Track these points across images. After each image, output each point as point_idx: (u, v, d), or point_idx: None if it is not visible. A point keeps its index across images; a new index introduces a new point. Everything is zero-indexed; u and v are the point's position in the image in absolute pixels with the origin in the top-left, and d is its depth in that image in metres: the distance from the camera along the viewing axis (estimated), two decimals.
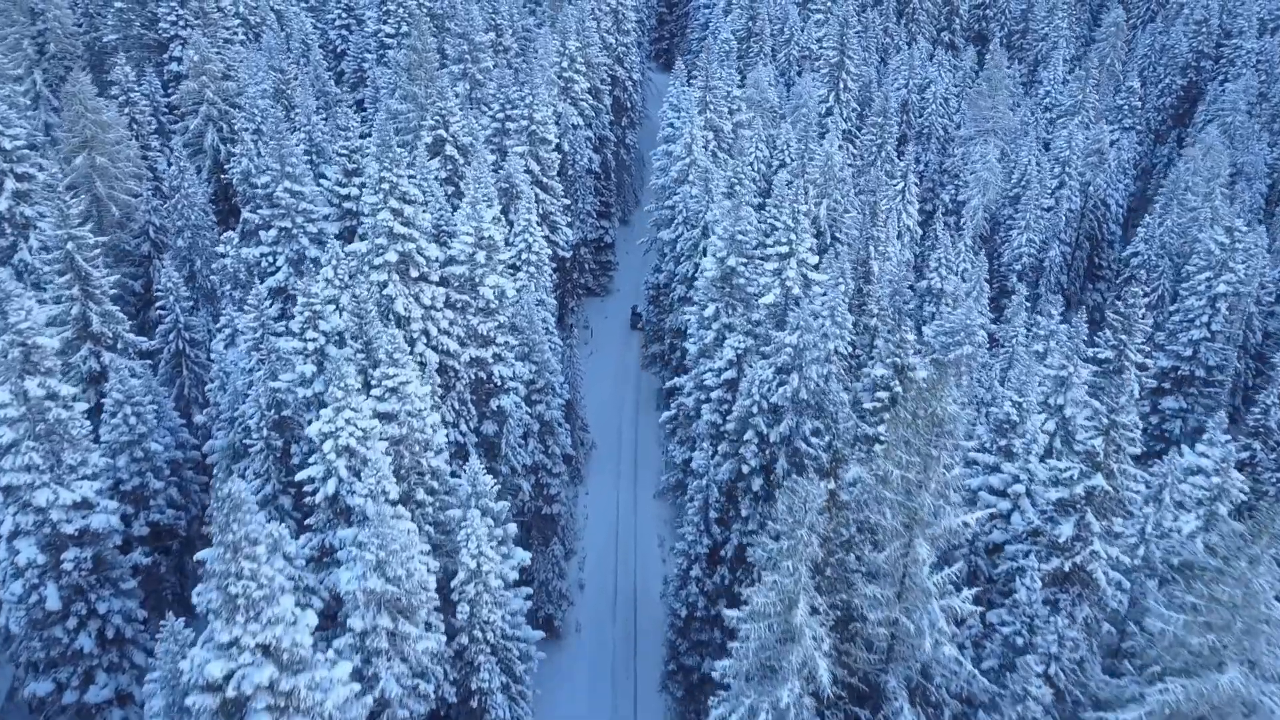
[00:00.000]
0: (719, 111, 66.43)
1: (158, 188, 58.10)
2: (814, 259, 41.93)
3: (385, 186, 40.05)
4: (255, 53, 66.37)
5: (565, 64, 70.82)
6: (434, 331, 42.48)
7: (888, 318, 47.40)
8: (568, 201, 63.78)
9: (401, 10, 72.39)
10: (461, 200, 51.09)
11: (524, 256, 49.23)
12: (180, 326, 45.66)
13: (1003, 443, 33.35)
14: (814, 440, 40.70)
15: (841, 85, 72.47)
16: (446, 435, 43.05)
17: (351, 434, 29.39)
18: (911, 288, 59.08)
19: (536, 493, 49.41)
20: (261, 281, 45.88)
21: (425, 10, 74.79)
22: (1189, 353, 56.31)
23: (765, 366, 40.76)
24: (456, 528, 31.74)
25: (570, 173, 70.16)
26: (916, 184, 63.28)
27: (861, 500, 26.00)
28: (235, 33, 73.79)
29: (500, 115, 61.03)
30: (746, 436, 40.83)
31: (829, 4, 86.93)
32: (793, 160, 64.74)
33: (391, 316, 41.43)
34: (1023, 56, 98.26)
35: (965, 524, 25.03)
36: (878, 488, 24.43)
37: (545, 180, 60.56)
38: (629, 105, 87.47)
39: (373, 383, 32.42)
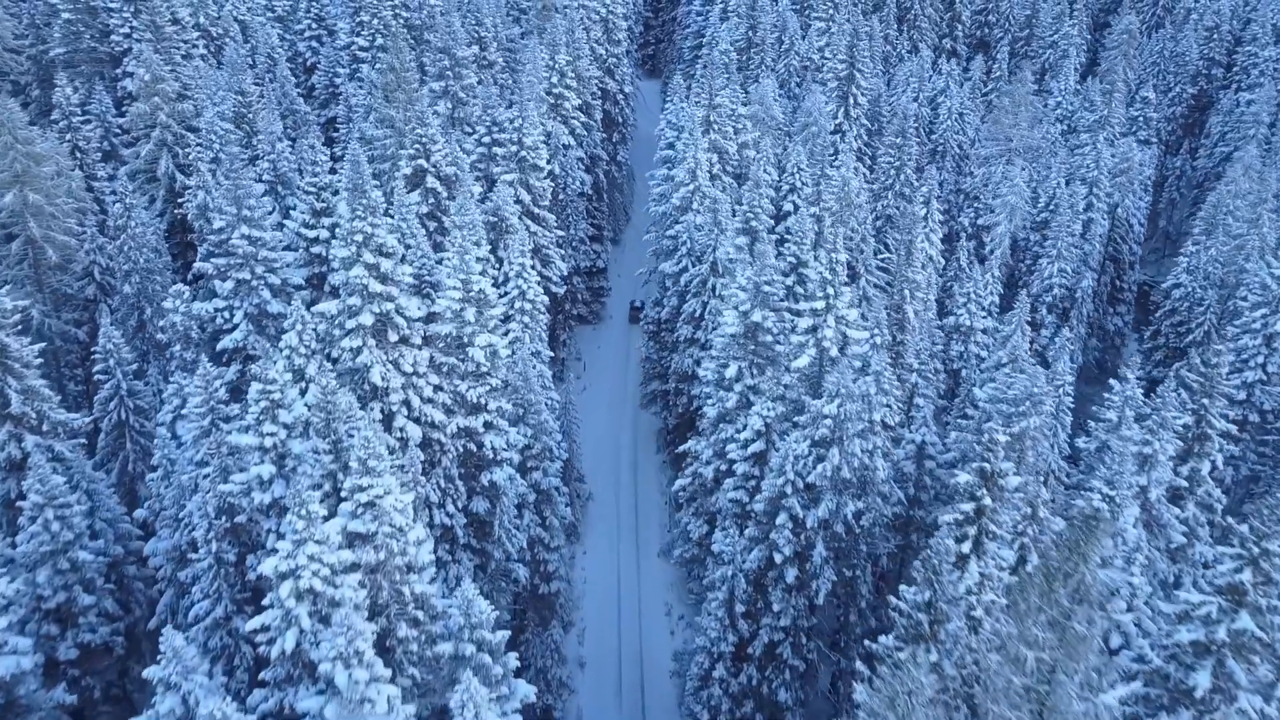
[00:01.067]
0: (724, 132, 60.31)
1: (104, 223, 51.33)
2: (853, 313, 36.02)
3: (358, 239, 33.66)
4: (215, 70, 59.56)
5: (555, 79, 64.44)
6: (416, 402, 36.16)
7: (928, 373, 41.49)
8: (561, 233, 57.51)
9: (376, 22, 65.71)
10: (446, 238, 44.85)
11: (517, 305, 42.93)
12: (122, 394, 39.06)
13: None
14: (858, 524, 34.79)
15: (852, 100, 66.51)
16: (431, 516, 36.86)
17: (316, 573, 23.10)
18: (940, 326, 53.30)
19: (533, 570, 43.24)
20: (216, 342, 39.38)
21: (402, 21, 68.14)
22: (1242, 396, 50.86)
23: (800, 439, 34.82)
24: (447, 674, 25.51)
25: (562, 197, 63.85)
26: (940, 209, 57.47)
27: (970, 675, 20.02)
28: (195, 46, 66.82)
29: (486, 139, 54.63)
30: (779, 520, 34.88)
31: (831, 11, 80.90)
32: (804, 184, 58.82)
33: (367, 386, 35.10)
34: (1029, 64, 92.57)
35: (1109, 707, 19.11)
36: (1002, 671, 18.44)
37: (537, 211, 54.25)
38: (620, 120, 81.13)
39: (343, 493, 26.13)
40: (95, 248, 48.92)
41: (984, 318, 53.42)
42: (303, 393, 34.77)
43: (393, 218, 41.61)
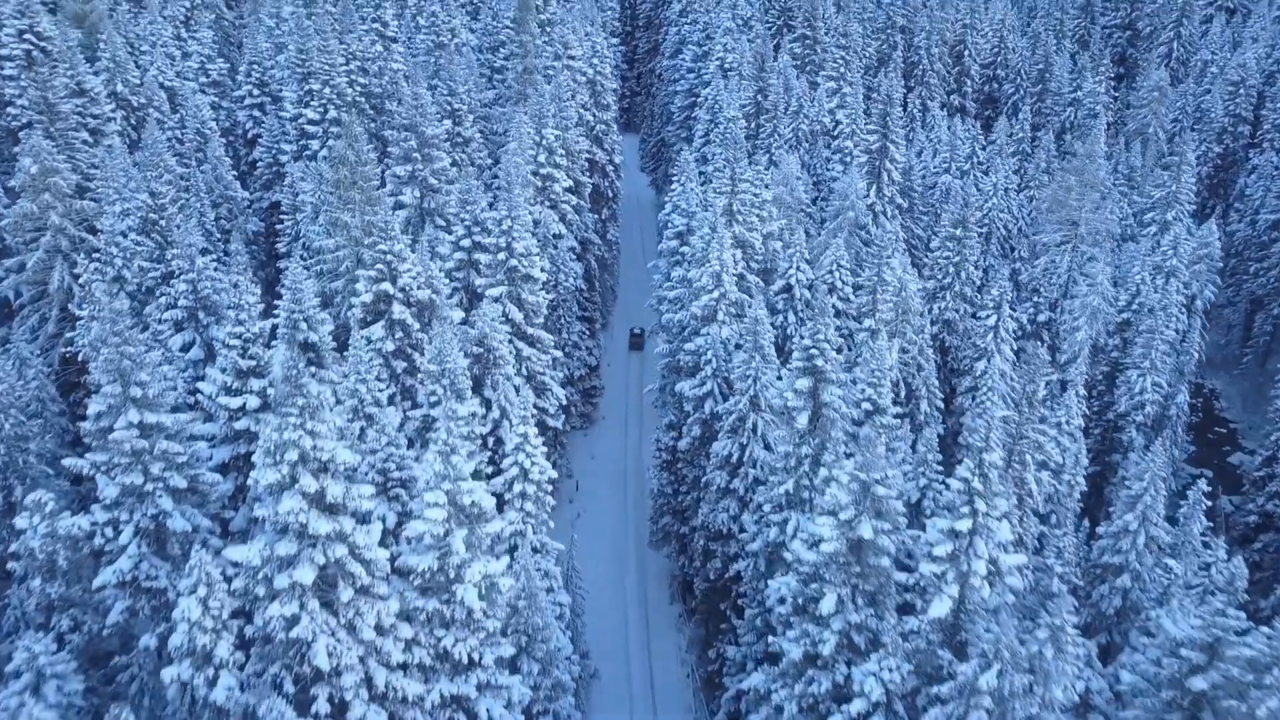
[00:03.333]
0: (748, 222, 49.06)
1: None
2: (1005, 528, 24.65)
3: (293, 456, 21.67)
4: (130, 154, 47.01)
5: (543, 157, 52.83)
6: (382, 676, 24.04)
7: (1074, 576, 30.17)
8: (558, 353, 45.70)
9: (329, 91, 53.62)
10: (421, 387, 33.00)
11: (518, 488, 30.92)
12: None
13: None
14: None
15: (885, 177, 55.77)
16: None
17: None
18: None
19: None
20: (94, 573, 26.89)
21: (360, 90, 56.15)
22: None
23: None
24: None
25: (553, 296, 52.07)
26: (1013, 317, 46.67)
27: None
28: (109, 120, 54.25)
29: (466, 242, 42.80)
30: None
31: (841, 69, 70.42)
32: (844, 283, 47.74)
33: (308, 668, 22.91)
34: (1045, 123, 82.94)
35: None
36: None
37: (531, 331, 42.45)
38: (611, 194, 69.78)
39: None
40: None
41: (1073, 450, 42.33)
42: (210, 672, 22.63)
43: (346, 376, 29.58)
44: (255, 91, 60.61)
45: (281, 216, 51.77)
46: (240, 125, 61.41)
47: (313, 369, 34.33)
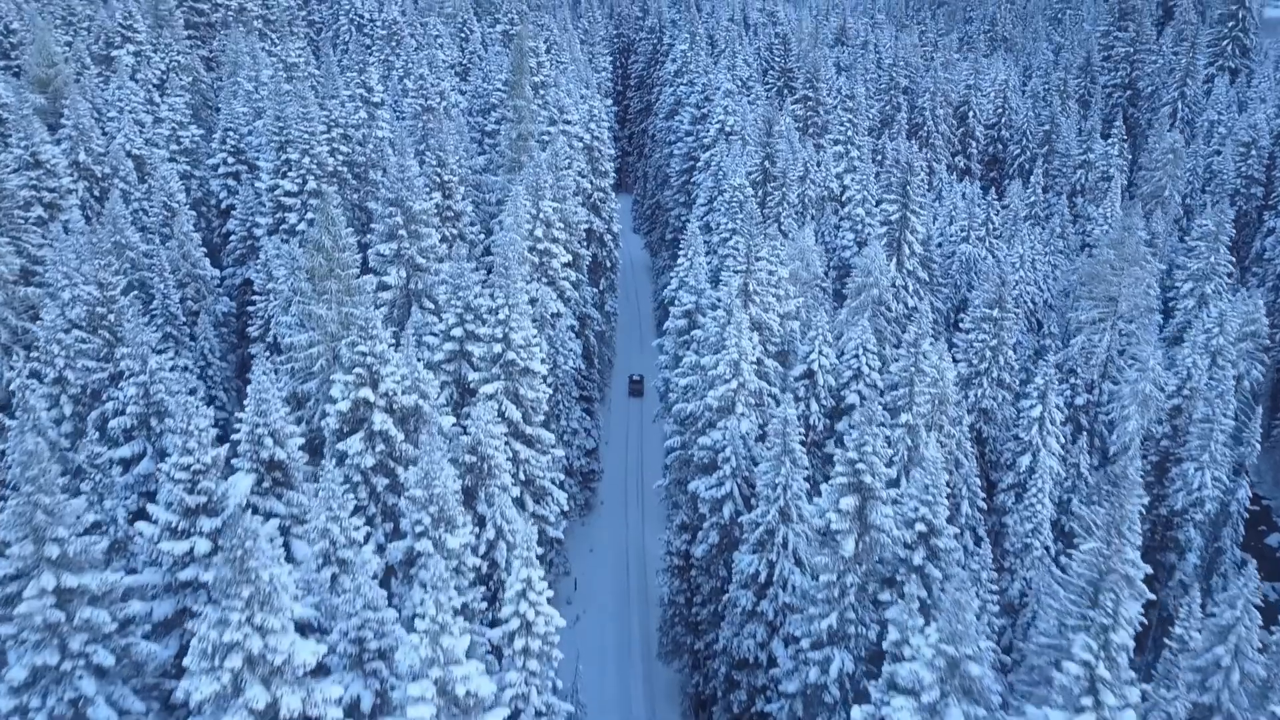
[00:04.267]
0: (765, 302, 44.40)
1: None
2: (1125, 699, 19.50)
3: (236, 661, 16.36)
4: (73, 239, 41.89)
5: (540, 231, 48.21)
6: None
7: None
8: (559, 451, 40.54)
9: (308, 161, 48.97)
10: (405, 513, 27.91)
11: (519, 643, 25.56)
12: None
13: None
14: None
15: (906, 250, 51.44)
16: None
17: None
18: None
19: None
20: None
21: (342, 160, 51.56)
22: None
23: None
24: None
25: (552, 380, 47.05)
26: (1060, 407, 41.98)
27: None
28: (70, 192, 49.41)
29: (458, 331, 37.84)
30: None
31: (849, 133, 66.58)
32: (870, 368, 43.05)
33: None
34: (1053, 185, 79.41)
35: None
36: None
37: (530, 431, 37.33)
38: (609, 264, 65.25)
39: None
40: None
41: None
42: None
43: (312, 522, 24.40)
44: (230, 160, 55.95)
45: (254, 296, 46.76)
46: (214, 195, 56.63)
47: (279, 491, 29.15)
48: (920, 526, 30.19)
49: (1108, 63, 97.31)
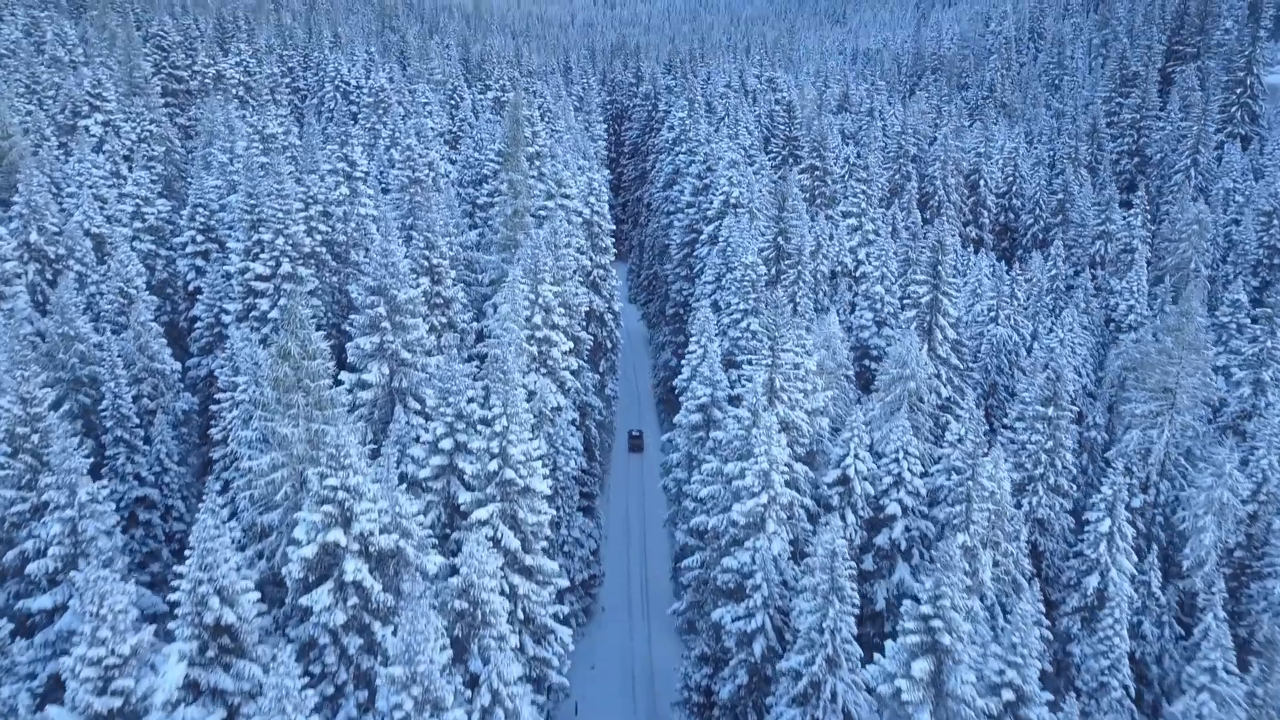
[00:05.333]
0: (792, 398, 39.27)
1: None
2: None
3: None
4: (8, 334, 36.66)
5: (539, 318, 43.12)
6: None
7: None
8: (566, 582, 34.85)
9: (281, 241, 43.91)
10: (382, 694, 22.38)
11: None
12: None
13: None
14: None
15: (938, 335, 46.61)
16: None
17: None
18: None
19: None
20: None
21: (321, 239, 46.59)
22: None
23: None
24: None
25: (553, 483, 41.48)
26: (1130, 521, 36.81)
27: None
28: (17, 276, 44.17)
29: (448, 444, 32.45)
30: None
31: (862, 205, 62.34)
32: (912, 473, 37.84)
33: None
34: (1069, 256, 75.31)
35: None
36: None
37: (530, 562, 31.72)
38: (610, 345, 60.22)
39: None
40: None
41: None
42: None
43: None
44: (200, 238, 50.94)
45: (218, 396, 41.25)
46: (180, 276, 51.49)
47: (227, 661, 23.41)
48: (1008, 694, 24.71)
49: (1112, 129, 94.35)
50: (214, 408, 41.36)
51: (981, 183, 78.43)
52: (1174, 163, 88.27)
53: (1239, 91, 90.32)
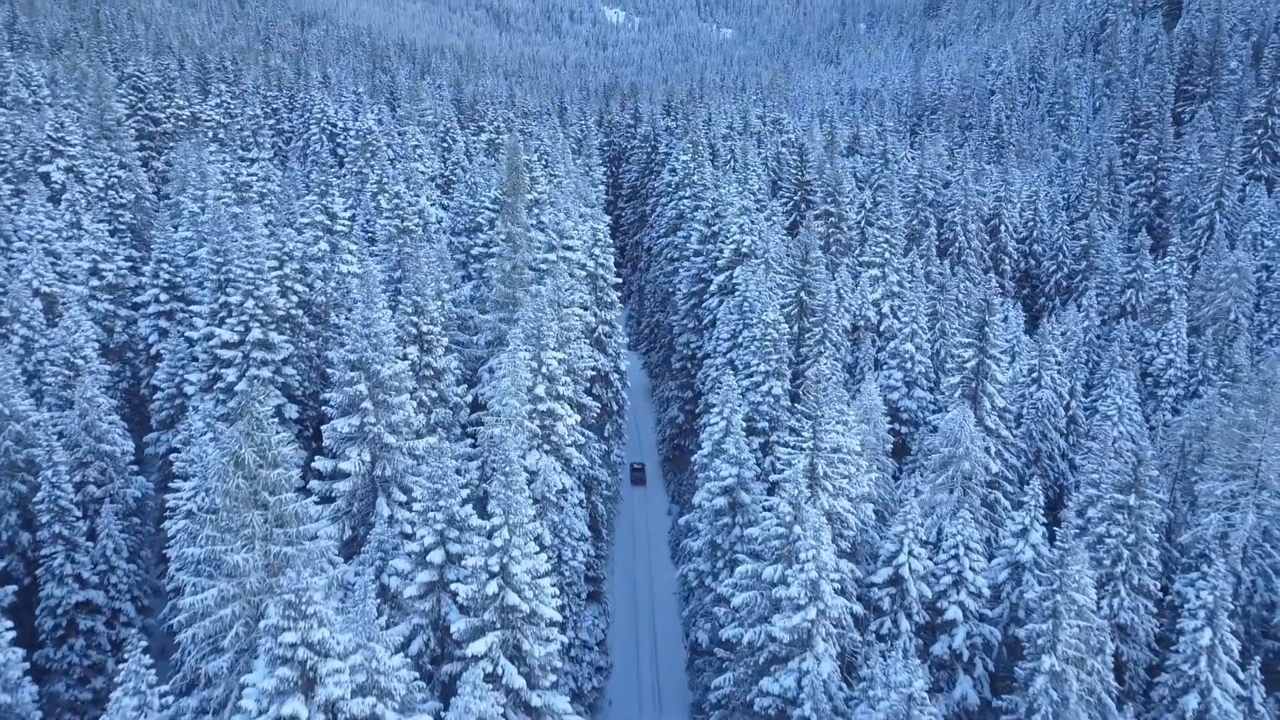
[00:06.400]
0: (835, 484, 33.82)
1: None
2: None
3: None
4: None
5: (543, 389, 37.64)
6: None
7: None
8: (578, 714, 29.01)
9: (252, 304, 38.43)
10: None
11: None
12: None
13: None
14: None
15: (987, 404, 41.34)
16: None
17: None
18: None
19: None
20: None
21: (297, 302, 41.15)
22: None
23: None
24: None
25: (559, 577, 35.76)
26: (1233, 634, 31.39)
27: None
28: None
29: (438, 556, 26.79)
30: None
31: (884, 253, 57.43)
32: (974, 569, 32.40)
33: None
34: (1098, 306, 70.49)
35: None
36: None
37: (536, 701, 25.96)
38: (615, 406, 54.81)
39: None
40: None
41: None
42: None
43: None
44: (163, 296, 45.45)
45: (175, 482, 35.53)
46: (143, 339, 45.94)
47: None
48: None
49: (1129, 169, 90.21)
50: (168, 499, 35.65)
51: (1002, 228, 73.86)
52: (1195, 205, 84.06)
53: (1260, 133, 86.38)
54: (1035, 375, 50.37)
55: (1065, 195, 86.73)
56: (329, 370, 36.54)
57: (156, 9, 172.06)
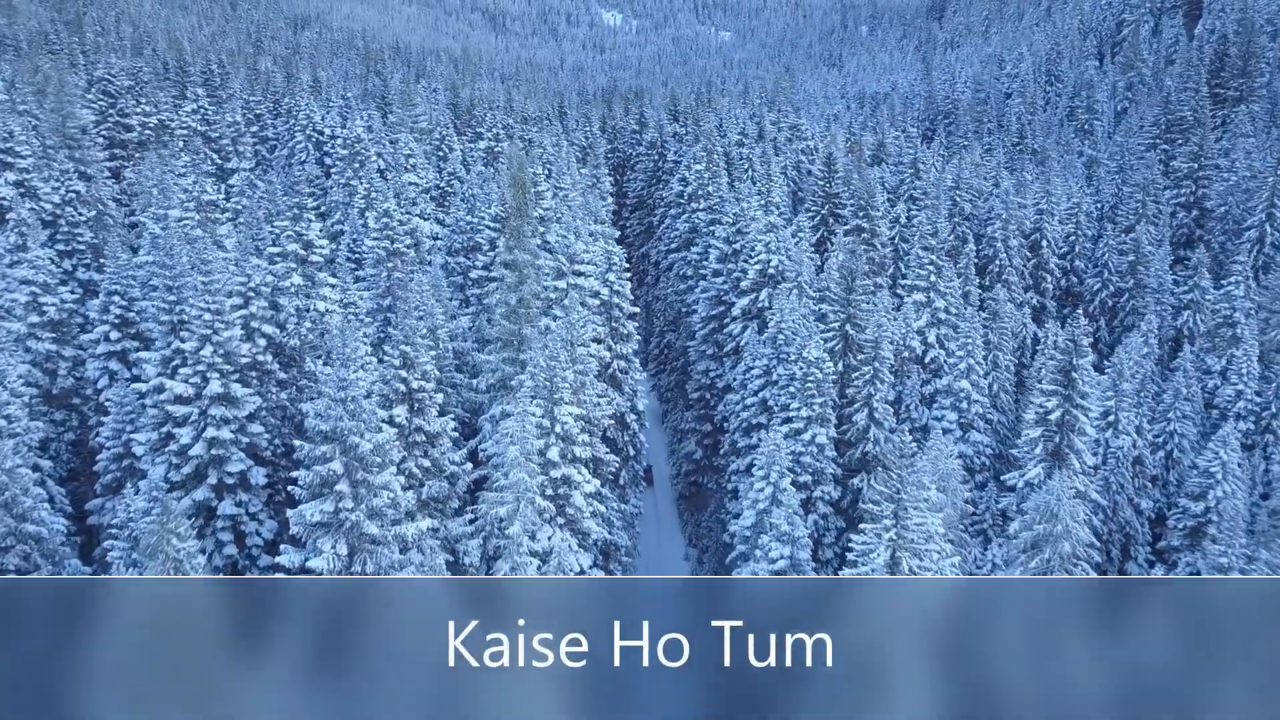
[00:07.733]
0: (921, 570, 27.31)
1: None
2: None
3: None
4: None
5: (556, 451, 31.10)
6: None
7: None
8: None
9: (209, 351, 31.70)
10: None
11: None
12: None
13: None
14: None
15: (1075, 462, 34.82)
16: None
17: None
18: None
19: None
20: None
21: (265, 345, 34.42)
22: None
23: None
24: None
25: None
26: None
27: None
28: None
29: None
30: None
31: (932, 276, 50.89)
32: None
33: None
34: (1136, 324, 64.04)
35: None
36: None
37: None
38: (633, 450, 48.21)
39: None
40: None
41: None
42: None
43: None
44: (114, 334, 38.67)
45: (112, 557, 28.91)
46: (90, 384, 39.19)
47: None
48: None
49: (1168, 177, 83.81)
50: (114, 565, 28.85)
51: (1044, 243, 67.41)
52: (1242, 218, 77.74)
53: None
54: (1111, 419, 43.91)
55: (1099, 205, 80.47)
56: (306, 425, 29.86)
57: (146, 11, 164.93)
